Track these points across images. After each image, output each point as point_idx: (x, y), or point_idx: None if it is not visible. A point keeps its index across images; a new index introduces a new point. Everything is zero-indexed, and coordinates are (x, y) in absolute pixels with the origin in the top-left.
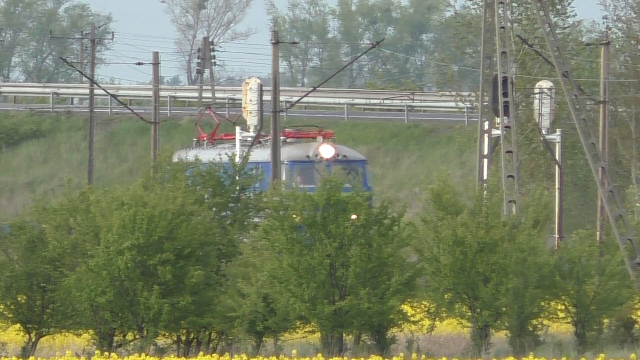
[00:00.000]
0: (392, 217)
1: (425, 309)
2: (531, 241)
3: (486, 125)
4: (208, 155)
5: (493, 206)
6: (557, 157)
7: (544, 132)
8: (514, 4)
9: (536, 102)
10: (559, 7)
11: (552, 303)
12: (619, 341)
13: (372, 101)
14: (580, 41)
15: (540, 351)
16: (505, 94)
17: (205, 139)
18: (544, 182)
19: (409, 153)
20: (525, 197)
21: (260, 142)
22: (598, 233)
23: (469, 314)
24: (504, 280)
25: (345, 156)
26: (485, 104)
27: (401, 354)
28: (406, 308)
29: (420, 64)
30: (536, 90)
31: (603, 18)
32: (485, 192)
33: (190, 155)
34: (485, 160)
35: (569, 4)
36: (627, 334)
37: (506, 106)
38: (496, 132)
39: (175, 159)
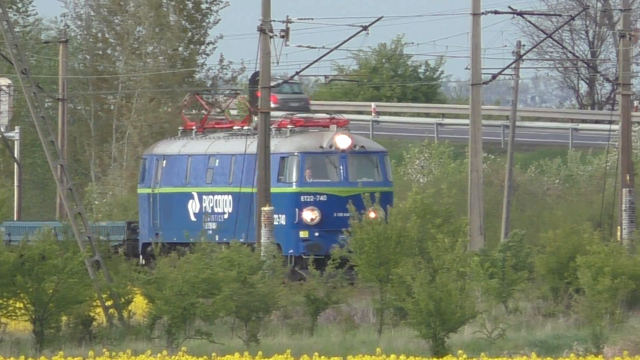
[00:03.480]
0: None
1: None
2: None
3: None
4: (198, 146)
5: None
6: (15, 155)
7: (2, 129)
8: None
9: None
10: (19, 4)
11: (11, 301)
12: (78, 338)
13: None
14: (40, 39)
15: None
16: None
17: (193, 128)
18: (2, 179)
19: None
20: None
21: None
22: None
23: None
24: None
25: (363, 147)
26: None
27: None
28: None
29: None
30: None
31: (61, 16)
32: None
33: (176, 146)
34: None
35: (30, 2)
36: (86, 332)
37: None
38: None
39: (157, 150)
